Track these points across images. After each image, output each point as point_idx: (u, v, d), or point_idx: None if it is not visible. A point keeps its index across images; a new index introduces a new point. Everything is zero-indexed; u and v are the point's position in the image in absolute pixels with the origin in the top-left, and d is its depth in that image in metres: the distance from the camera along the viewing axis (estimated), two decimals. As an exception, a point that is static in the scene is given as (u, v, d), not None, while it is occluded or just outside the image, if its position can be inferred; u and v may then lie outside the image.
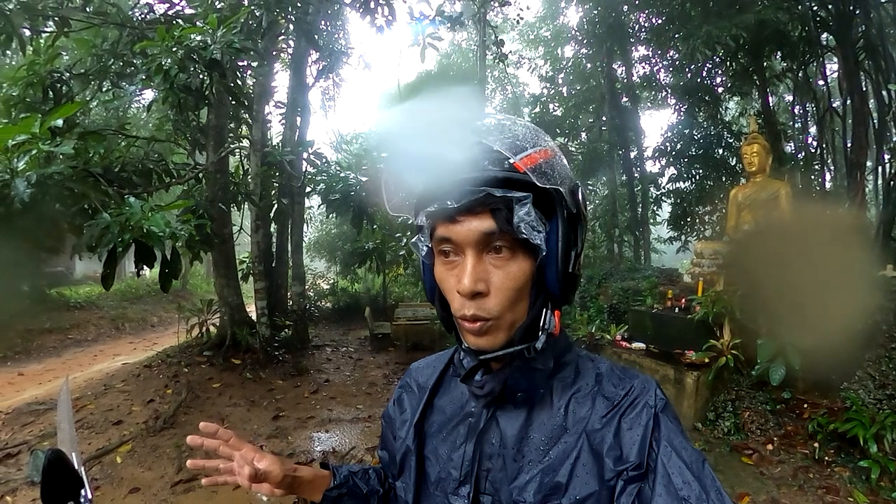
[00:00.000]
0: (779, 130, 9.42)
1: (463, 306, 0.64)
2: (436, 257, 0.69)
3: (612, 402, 0.67)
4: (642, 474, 0.61)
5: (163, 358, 7.33)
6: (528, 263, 0.65)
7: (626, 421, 0.65)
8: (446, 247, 0.66)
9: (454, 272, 0.66)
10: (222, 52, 4.57)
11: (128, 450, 4.54)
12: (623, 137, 12.29)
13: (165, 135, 7.94)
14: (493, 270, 0.64)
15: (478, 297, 0.63)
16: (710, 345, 4.81)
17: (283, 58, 10.21)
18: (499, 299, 0.64)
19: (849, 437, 3.75)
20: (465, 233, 0.63)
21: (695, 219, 10.78)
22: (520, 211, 0.61)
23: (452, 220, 0.64)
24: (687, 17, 8.61)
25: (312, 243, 16.36)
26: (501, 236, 0.63)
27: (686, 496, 0.58)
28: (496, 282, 0.64)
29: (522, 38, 17.03)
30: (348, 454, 4.56)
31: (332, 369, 7.67)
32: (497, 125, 0.66)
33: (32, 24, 5.47)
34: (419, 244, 0.71)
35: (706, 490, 0.58)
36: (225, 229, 7.59)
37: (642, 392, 0.67)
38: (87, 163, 4.02)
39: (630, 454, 0.62)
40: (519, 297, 0.65)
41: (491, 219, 0.62)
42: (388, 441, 0.91)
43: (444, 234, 0.65)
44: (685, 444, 0.63)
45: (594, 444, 0.65)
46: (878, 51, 7.64)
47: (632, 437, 0.63)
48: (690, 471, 0.60)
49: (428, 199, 0.66)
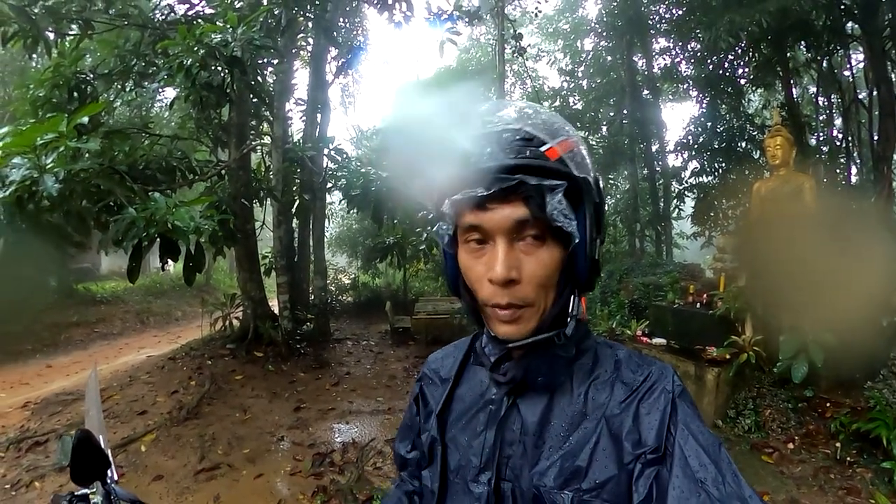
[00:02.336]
0: (803, 123, 9.19)
1: (495, 294, 0.64)
2: (461, 245, 0.69)
3: (630, 388, 0.68)
4: (660, 457, 0.62)
5: (187, 351, 7.49)
6: (558, 250, 0.65)
7: (645, 406, 0.65)
8: (474, 235, 0.66)
9: (483, 260, 0.66)
10: (243, 49, 4.64)
11: (152, 439, 4.66)
12: (644, 131, 12.12)
13: (188, 133, 8.09)
14: (525, 258, 0.64)
15: (510, 284, 0.63)
16: (731, 341, 4.75)
17: (302, 55, 10.31)
18: (531, 286, 0.64)
19: (872, 437, 3.67)
20: (497, 220, 0.63)
21: (718, 213, 10.60)
22: (553, 199, 0.61)
23: (482, 208, 0.63)
24: (708, 6, 8.43)
25: (334, 238, 16.51)
26: (534, 224, 0.63)
27: (703, 478, 0.58)
28: (528, 269, 0.64)
29: (541, 32, 16.87)
30: (368, 445, 4.62)
31: (352, 362, 7.77)
32: (527, 112, 0.66)
33: (57, 28, 5.60)
34: (442, 232, 0.70)
35: (722, 473, 0.58)
36: (248, 225, 7.71)
37: (660, 378, 0.68)
38: (111, 160, 4.11)
39: (648, 438, 0.63)
40: (550, 283, 0.66)
41: (524, 206, 0.62)
42: (411, 437, 0.91)
43: (474, 222, 0.64)
44: (702, 428, 0.63)
45: (613, 429, 0.65)
46: (905, 39, 7.41)
47: (650, 422, 0.64)
48: (707, 454, 0.60)
49: (456, 187, 0.64)
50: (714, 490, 0.57)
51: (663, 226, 12.15)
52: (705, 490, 0.57)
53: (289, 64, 8.45)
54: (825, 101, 10.12)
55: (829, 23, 8.04)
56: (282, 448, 4.65)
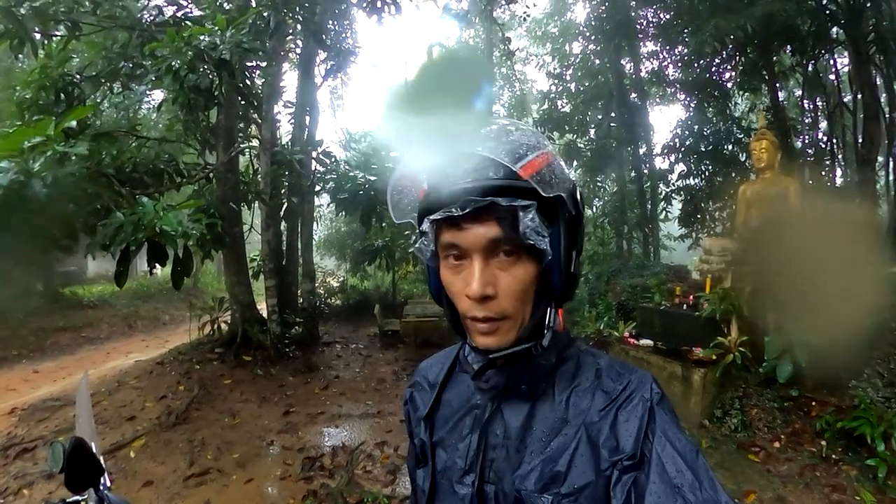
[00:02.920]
0: (788, 126, 9.34)
1: (473, 308, 0.66)
2: (441, 261, 0.71)
3: (610, 396, 0.69)
4: (637, 464, 0.63)
5: (175, 355, 7.44)
6: (532, 266, 0.67)
7: (623, 414, 0.67)
8: (452, 252, 0.68)
9: (461, 276, 0.68)
10: (231, 52, 4.62)
11: (141, 444, 4.63)
12: (632, 134, 12.17)
13: (176, 135, 8.02)
14: (500, 274, 0.66)
15: (486, 300, 0.65)
16: (717, 342, 4.79)
17: (291, 58, 10.27)
18: (507, 301, 0.66)
19: (856, 435, 3.74)
20: (471, 239, 0.65)
21: (705, 215, 10.71)
22: (525, 218, 0.63)
23: (458, 227, 0.65)
24: (695, 11, 8.54)
25: (322, 241, 16.44)
26: (507, 242, 0.64)
27: (679, 484, 0.59)
28: (504, 285, 0.66)
29: (530, 35, 16.90)
30: (357, 449, 4.61)
31: (341, 366, 7.73)
32: (497, 131, 0.68)
33: (44, 28, 5.54)
34: (423, 249, 0.72)
35: (699, 479, 0.59)
36: (236, 228, 7.67)
37: (639, 386, 0.69)
38: (99, 164, 4.08)
39: (626, 445, 0.64)
40: (525, 297, 0.68)
41: (497, 226, 0.63)
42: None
43: (451, 240, 0.67)
44: (679, 435, 0.64)
45: (591, 436, 0.67)
46: (889, 44, 7.54)
47: (628, 429, 0.65)
48: (684, 460, 0.61)
49: (432, 206, 0.66)
50: (691, 496, 0.58)
51: (650, 228, 12.22)
52: (682, 496, 0.58)
53: (277, 66, 8.43)
54: (810, 104, 10.30)
55: (814, 28, 8.19)
56: (271, 452, 4.63)
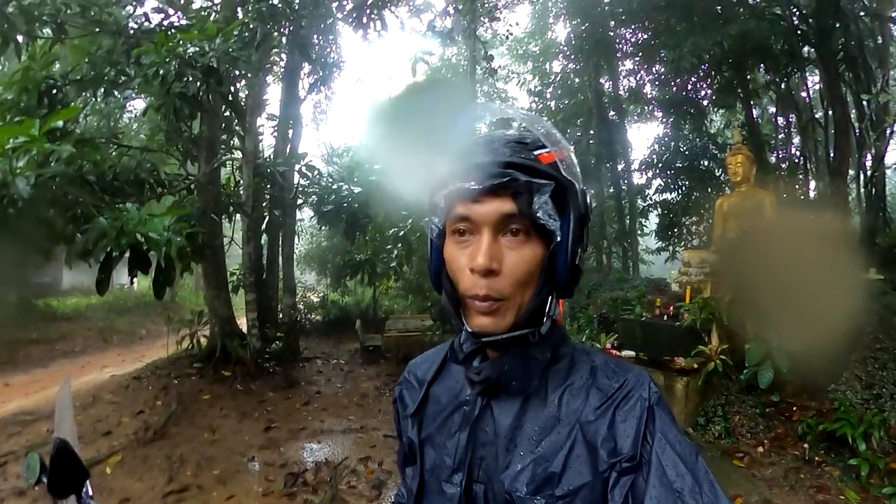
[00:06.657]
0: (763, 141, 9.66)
1: (474, 285, 0.66)
2: (448, 237, 0.71)
3: (605, 395, 0.68)
4: (636, 466, 0.62)
5: (152, 370, 7.24)
6: (540, 249, 0.67)
7: (621, 413, 0.66)
8: (462, 225, 0.68)
9: (467, 251, 0.67)
10: (219, 60, 4.61)
11: (118, 460, 4.47)
12: (610, 150, 12.42)
13: (158, 145, 7.92)
14: (507, 252, 0.66)
15: (490, 275, 0.65)
16: (698, 351, 4.86)
17: (275, 71, 10.26)
18: (510, 280, 0.66)
19: (838, 436, 3.82)
20: (485, 212, 0.65)
21: (682, 229, 10.92)
22: (540, 198, 0.64)
23: (473, 200, 0.66)
24: (672, 30, 8.81)
25: (303, 256, 16.29)
26: (519, 219, 0.65)
27: (679, 488, 0.58)
28: (509, 263, 0.66)
29: (511, 54, 17.15)
30: (341, 464, 4.53)
31: (323, 381, 7.62)
32: (527, 119, 0.71)
33: (29, 29, 5.48)
34: (432, 223, 0.73)
35: (699, 482, 0.59)
36: (216, 240, 7.55)
37: (636, 385, 0.68)
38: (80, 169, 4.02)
39: (624, 446, 0.63)
40: (529, 280, 0.67)
41: (512, 201, 0.64)
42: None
43: (463, 213, 0.67)
44: (679, 438, 0.64)
45: (588, 436, 0.66)
46: (857, 62, 7.86)
47: (626, 430, 0.64)
48: (684, 463, 0.61)
49: (450, 179, 0.67)
50: (691, 500, 0.58)
51: (629, 242, 12.42)
52: (682, 500, 0.58)
53: (262, 78, 8.42)
54: (783, 120, 10.67)
55: (786, 47, 8.53)
56: (253, 469, 4.51)
